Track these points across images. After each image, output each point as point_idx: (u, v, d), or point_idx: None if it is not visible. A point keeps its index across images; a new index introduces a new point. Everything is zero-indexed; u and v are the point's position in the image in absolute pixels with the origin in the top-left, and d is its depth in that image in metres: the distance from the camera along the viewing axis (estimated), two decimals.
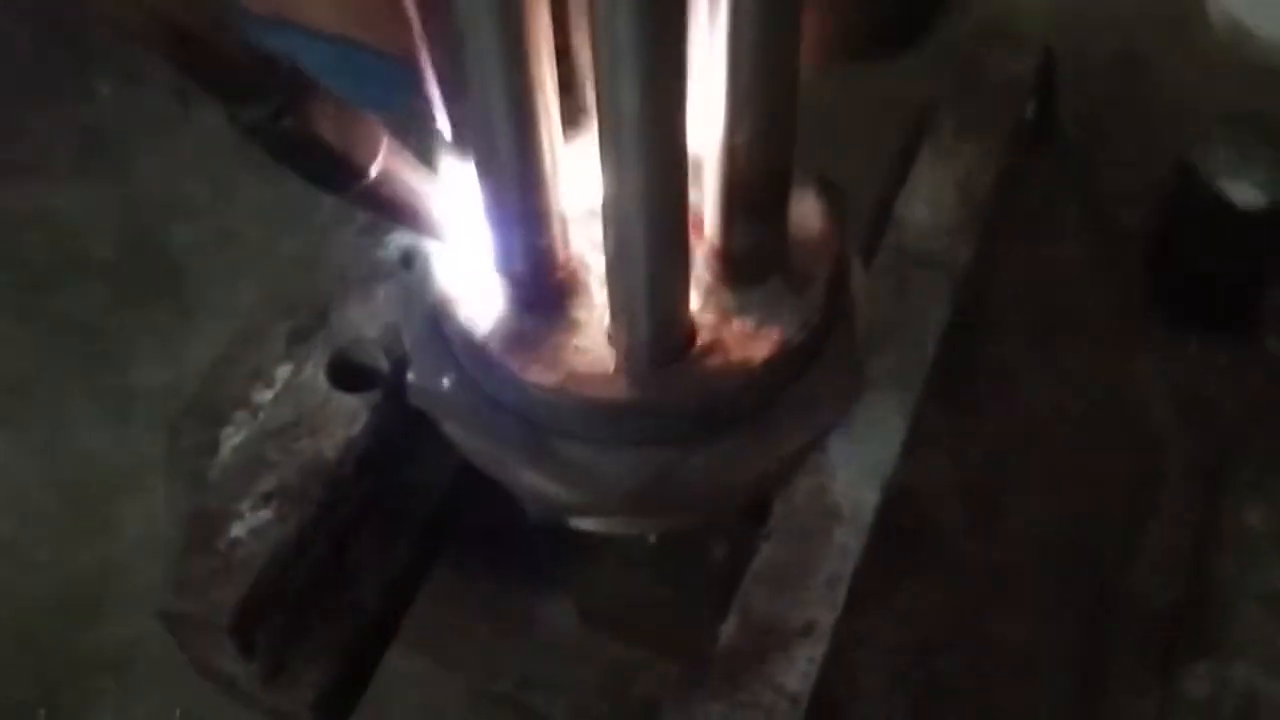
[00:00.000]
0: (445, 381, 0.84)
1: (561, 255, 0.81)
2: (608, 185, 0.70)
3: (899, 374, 0.90)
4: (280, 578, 0.85)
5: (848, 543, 0.85)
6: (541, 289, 0.81)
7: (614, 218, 0.72)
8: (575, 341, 0.80)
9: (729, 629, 0.83)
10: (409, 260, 0.94)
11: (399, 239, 0.97)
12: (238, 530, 0.86)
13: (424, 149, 0.79)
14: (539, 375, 0.79)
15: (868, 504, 0.86)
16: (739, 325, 0.81)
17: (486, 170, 0.74)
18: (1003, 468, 0.94)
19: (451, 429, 0.86)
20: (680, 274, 0.76)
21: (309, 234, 1.05)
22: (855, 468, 0.87)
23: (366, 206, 0.76)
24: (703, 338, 0.81)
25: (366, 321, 0.93)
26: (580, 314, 0.82)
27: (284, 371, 0.96)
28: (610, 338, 0.80)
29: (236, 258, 1.76)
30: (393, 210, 0.76)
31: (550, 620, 1.05)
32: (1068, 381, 0.97)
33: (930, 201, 0.97)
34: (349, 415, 0.90)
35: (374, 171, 0.73)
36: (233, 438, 0.94)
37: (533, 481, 0.84)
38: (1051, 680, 0.90)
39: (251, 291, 1.11)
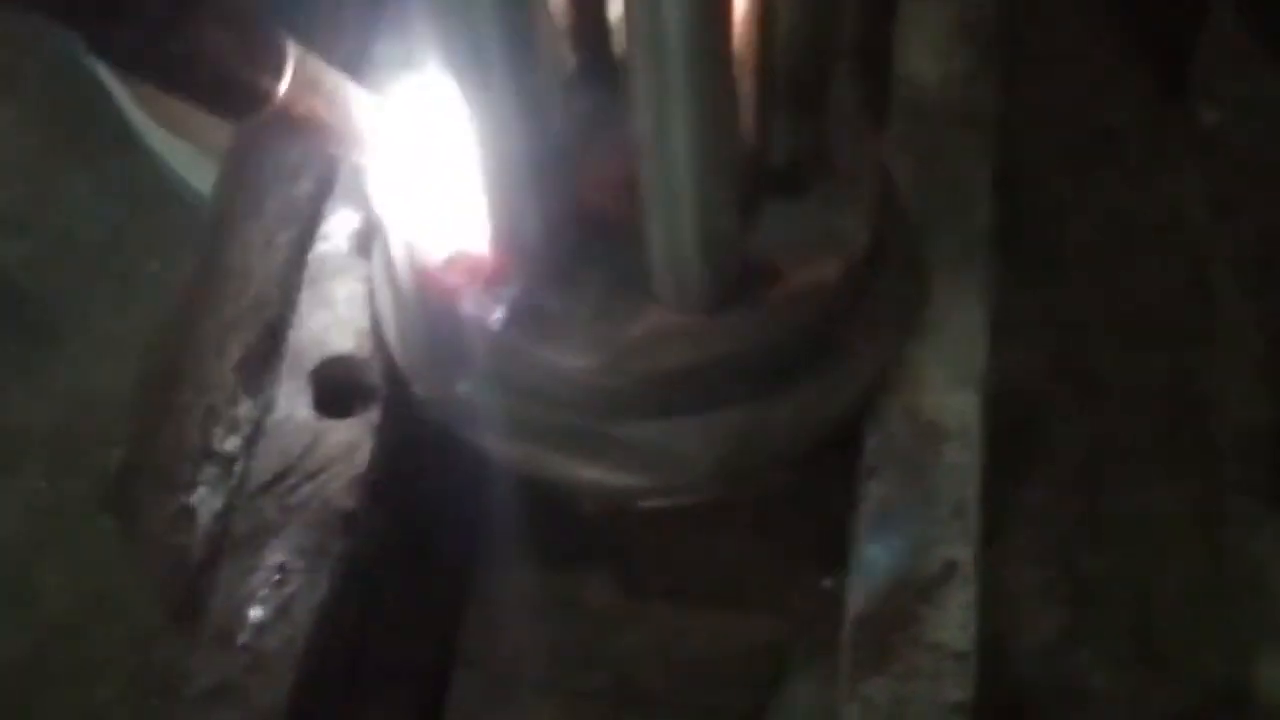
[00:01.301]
0: (461, 387, 0.69)
1: (577, 210, 0.67)
2: (647, 112, 0.56)
3: (961, 253, 0.78)
4: (325, 659, 0.70)
5: (963, 460, 0.73)
6: (557, 255, 0.67)
7: (659, 147, 0.58)
8: (611, 307, 0.67)
9: (857, 590, 0.71)
10: (363, 243, 0.79)
11: (338, 218, 0.81)
12: (258, 614, 0.71)
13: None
14: (583, 357, 0.66)
15: (971, 410, 0.74)
16: (796, 246, 0.68)
17: (483, 107, 0.60)
18: (1084, 328, 0.83)
19: (479, 437, 0.72)
20: (735, 198, 0.63)
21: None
22: (945, 372, 0.75)
23: (280, 134, 0.66)
24: (759, 269, 0.68)
25: (334, 331, 0.78)
26: (606, 274, 0.68)
27: (247, 409, 0.81)
28: (655, 292, 0.66)
29: (86, 271, 1.56)
30: (312, 134, 0.65)
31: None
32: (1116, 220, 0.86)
33: (934, 50, 0.85)
34: (349, 446, 0.75)
35: (282, 90, 0.62)
36: (209, 501, 0.79)
37: (595, 477, 0.70)
38: (1183, 540, 0.80)
39: (111, 307, 0.95)
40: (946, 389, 0.75)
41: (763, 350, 0.68)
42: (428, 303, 0.70)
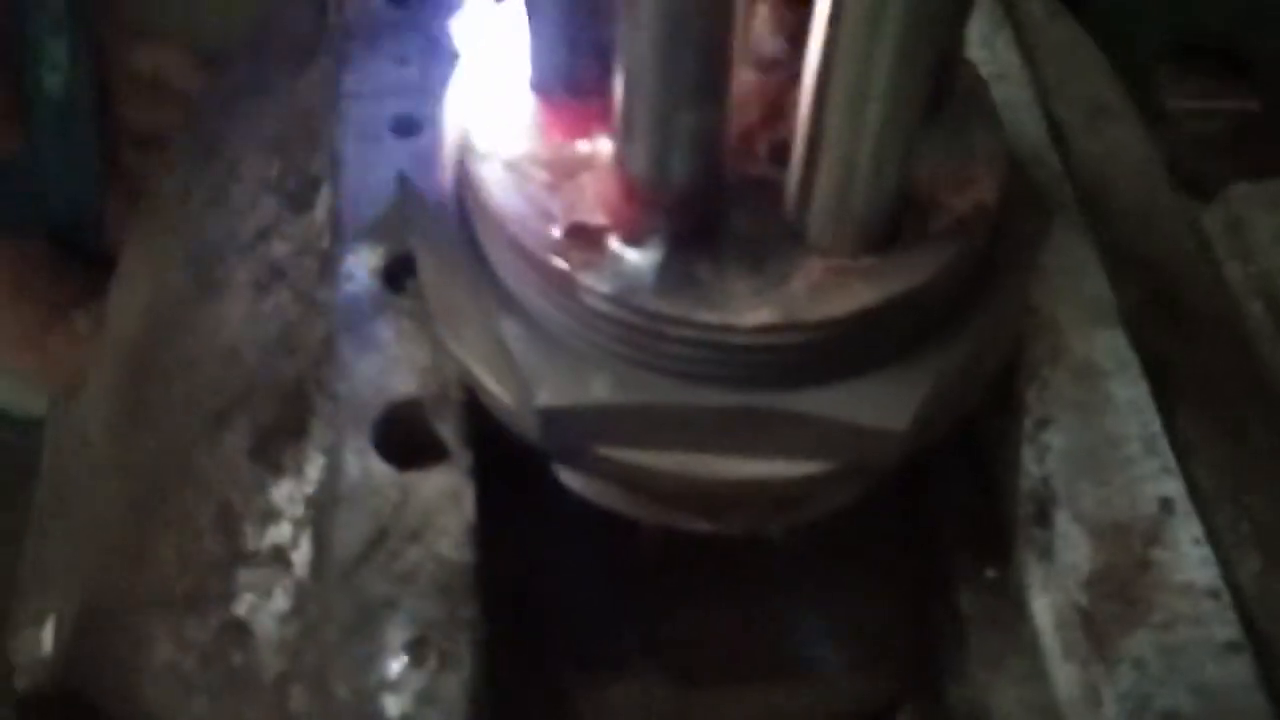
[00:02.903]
0: (598, 387, 0.58)
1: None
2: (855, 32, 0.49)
3: (1056, 190, 0.73)
4: None
5: (1134, 395, 0.66)
6: (703, 211, 0.57)
7: (859, 69, 0.50)
8: (765, 263, 0.58)
9: (1074, 550, 0.62)
10: (396, 276, 0.68)
11: (355, 258, 0.69)
12: (398, 705, 0.56)
13: None
14: (753, 315, 0.56)
15: (1122, 344, 0.68)
16: (944, 170, 0.61)
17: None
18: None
19: (619, 449, 0.61)
20: (918, 119, 0.55)
21: None
22: (1079, 313, 0.69)
23: None
24: (915, 199, 0.60)
25: (391, 375, 0.65)
26: (749, 229, 0.59)
27: (288, 490, 0.67)
28: (813, 241, 0.58)
29: None
30: None
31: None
32: None
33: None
34: (447, 495, 0.62)
35: None
36: (268, 606, 0.64)
37: (767, 471, 0.60)
38: None
39: None
40: (1089, 327, 0.68)
41: (940, 284, 0.60)
42: (547, 292, 0.59)
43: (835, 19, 0.51)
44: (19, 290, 1.09)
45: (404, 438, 0.64)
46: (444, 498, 0.62)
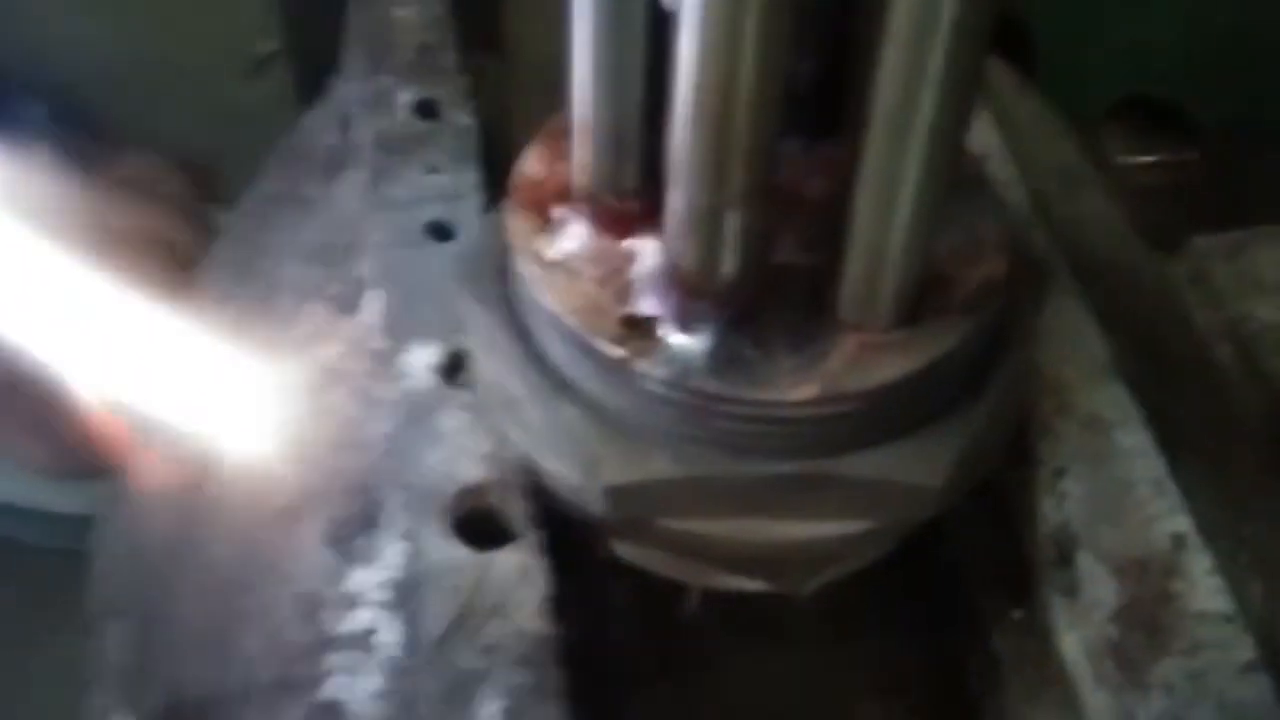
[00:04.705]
0: (657, 463, 0.64)
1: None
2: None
3: (1048, 254, 0.79)
4: None
5: (1139, 442, 0.72)
6: (749, 297, 0.64)
7: (878, 160, 0.57)
8: (803, 342, 0.64)
9: (1098, 586, 0.68)
10: (451, 369, 0.73)
11: (411, 355, 0.74)
12: None
13: None
14: (798, 391, 0.62)
15: (1123, 397, 0.74)
16: (953, 249, 0.67)
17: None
18: None
19: (679, 519, 0.66)
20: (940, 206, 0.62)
21: None
22: (1078, 371, 0.75)
23: None
24: (931, 277, 0.67)
25: (458, 464, 0.70)
26: (787, 312, 0.65)
27: (361, 578, 0.71)
28: (843, 319, 0.64)
29: None
30: None
31: None
32: None
33: None
34: (521, 571, 0.67)
35: None
36: (359, 685, 0.68)
37: (814, 532, 0.66)
38: None
39: None
40: (1089, 384, 0.74)
41: (962, 352, 0.66)
42: (605, 379, 0.65)
43: (863, 126, 0.57)
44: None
45: (475, 522, 0.69)
46: (518, 574, 0.67)
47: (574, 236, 0.67)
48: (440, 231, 0.79)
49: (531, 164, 0.70)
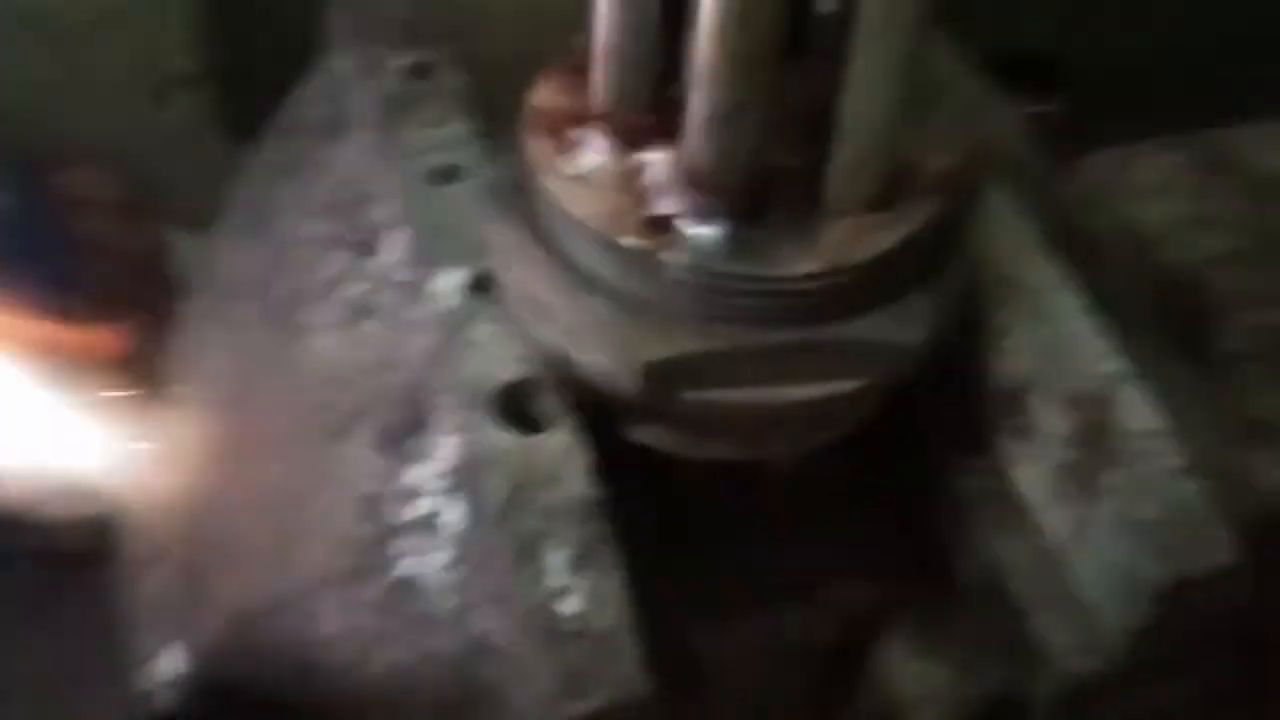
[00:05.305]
0: (689, 339, 0.75)
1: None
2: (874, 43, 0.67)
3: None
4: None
5: (1067, 302, 0.84)
6: (754, 190, 0.75)
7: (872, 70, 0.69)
8: (801, 228, 0.76)
9: (1050, 416, 0.80)
10: (480, 287, 0.83)
11: (440, 280, 0.84)
12: (571, 608, 0.71)
13: None
14: (807, 265, 0.74)
15: (1050, 265, 0.86)
16: (922, 144, 0.79)
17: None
18: None
19: (699, 393, 0.77)
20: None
21: None
22: (1011, 240, 0.87)
23: None
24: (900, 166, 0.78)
25: (495, 365, 0.80)
26: (782, 202, 0.76)
27: (416, 474, 0.81)
28: (832, 206, 0.75)
29: None
30: None
31: None
32: None
33: None
34: (564, 450, 0.77)
35: None
36: (432, 558, 0.78)
37: (817, 392, 0.77)
38: None
39: None
40: (1024, 256, 0.87)
41: (933, 230, 0.78)
42: (634, 273, 0.75)
43: (851, 30, 0.68)
44: None
45: (517, 413, 0.79)
46: (563, 451, 0.77)
47: (594, 152, 0.77)
48: (448, 175, 0.89)
49: (542, 95, 0.81)
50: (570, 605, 0.71)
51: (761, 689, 0.89)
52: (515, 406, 0.79)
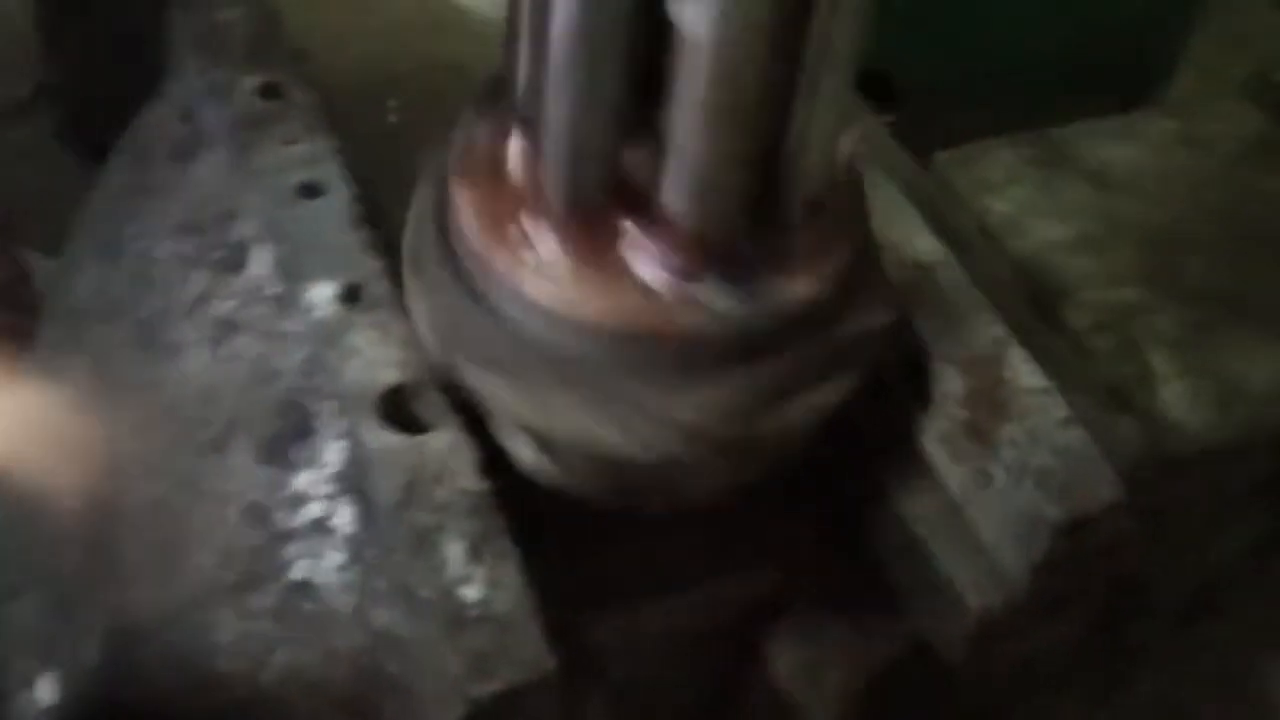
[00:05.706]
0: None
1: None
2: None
3: None
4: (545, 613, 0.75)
5: (952, 276, 0.91)
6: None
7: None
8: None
9: (948, 379, 0.86)
10: (352, 296, 0.85)
11: (314, 290, 0.86)
12: (473, 594, 0.74)
13: None
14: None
15: (936, 244, 0.92)
16: None
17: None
18: None
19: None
20: None
21: None
22: (899, 225, 0.92)
23: None
24: None
25: (378, 370, 0.82)
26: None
27: (304, 480, 0.82)
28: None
29: None
30: None
31: None
32: None
33: None
34: (452, 446, 0.80)
35: None
36: (328, 560, 0.79)
37: None
38: None
39: None
40: (912, 237, 0.92)
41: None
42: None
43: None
44: None
45: (401, 416, 0.81)
46: (451, 448, 0.79)
47: (546, 251, 0.78)
48: (311, 190, 0.91)
49: (468, 171, 0.81)
50: (472, 592, 0.74)
51: (660, 678, 0.92)
52: (400, 409, 0.81)
